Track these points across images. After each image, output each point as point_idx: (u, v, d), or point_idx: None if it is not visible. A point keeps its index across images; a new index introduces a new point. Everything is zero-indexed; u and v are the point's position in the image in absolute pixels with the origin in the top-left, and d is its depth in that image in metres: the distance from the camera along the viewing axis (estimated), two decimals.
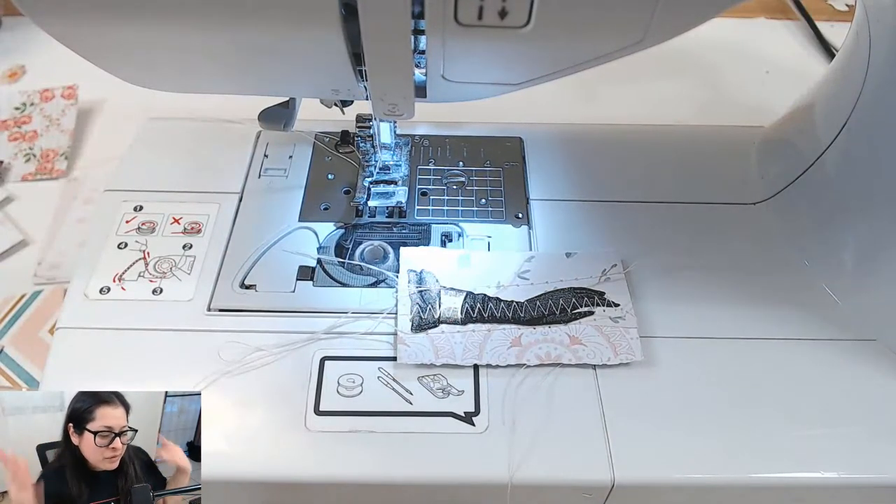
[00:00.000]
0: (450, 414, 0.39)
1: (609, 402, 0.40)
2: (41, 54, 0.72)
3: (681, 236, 0.49)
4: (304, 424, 0.38)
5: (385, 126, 0.49)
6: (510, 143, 0.56)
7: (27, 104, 0.66)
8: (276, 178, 0.52)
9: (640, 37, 0.28)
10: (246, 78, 0.35)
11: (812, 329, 0.44)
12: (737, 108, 0.68)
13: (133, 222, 0.48)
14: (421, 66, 0.33)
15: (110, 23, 0.30)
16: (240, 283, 0.45)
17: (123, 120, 0.61)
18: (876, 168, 0.43)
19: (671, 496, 0.39)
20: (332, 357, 0.41)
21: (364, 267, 0.46)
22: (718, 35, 0.75)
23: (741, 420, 0.39)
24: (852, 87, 0.44)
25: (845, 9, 0.81)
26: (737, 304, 0.45)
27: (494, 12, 0.27)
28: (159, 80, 0.36)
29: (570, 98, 0.68)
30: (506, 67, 0.32)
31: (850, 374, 0.42)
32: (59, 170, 0.61)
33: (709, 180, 0.53)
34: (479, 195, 0.52)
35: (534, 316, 0.43)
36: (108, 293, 0.44)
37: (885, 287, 0.44)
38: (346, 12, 0.28)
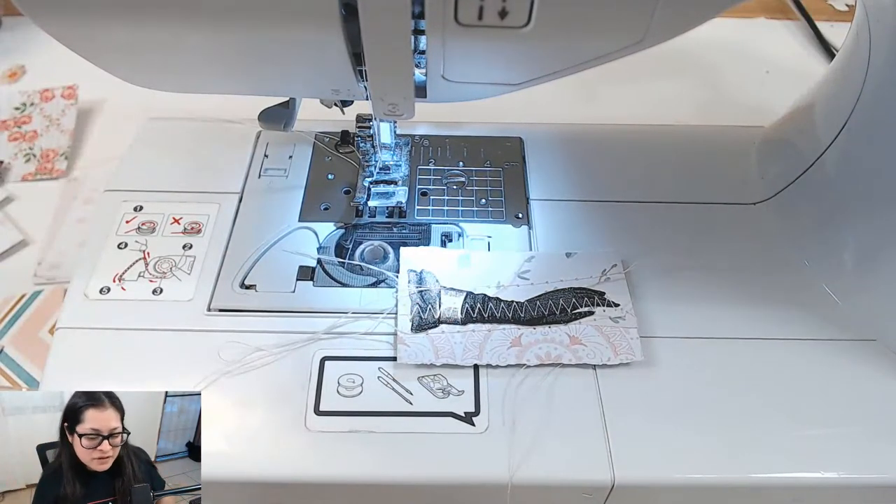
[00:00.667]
0: (450, 414, 0.39)
1: (609, 402, 0.40)
2: (41, 54, 0.72)
3: (681, 236, 0.49)
4: (304, 424, 0.38)
5: (385, 126, 0.49)
6: (510, 143, 0.56)
7: (27, 104, 0.66)
8: (276, 178, 0.52)
9: (640, 37, 0.28)
10: (246, 78, 0.35)
11: (812, 329, 0.44)
12: (737, 108, 0.68)
13: (133, 222, 0.48)
14: (421, 66, 0.33)
15: (110, 23, 0.30)
16: (240, 283, 0.45)
17: (123, 120, 0.61)
18: (876, 168, 0.43)
19: (671, 496, 0.39)
20: (332, 357, 0.41)
21: (364, 267, 0.46)
22: (718, 35, 0.75)
23: (741, 420, 0.39)
24: (852, 87, 0.44)
25: (845, 9, 0.81)
26: (737, 304, 0.45)
27: (494, 12, 0.27)
28: (159, 80, 0.36)
29: (570, 98, 0.68)
30: (506, 67, 0.32)
31: (850, 374, 0.42)
32: (59, 170, 0.61)
33: (709, 180, 0.53)
34: (479, 195, 0.52)
35: (534, 316, 0.43)
36: (108, 293, 0.44)
37: (885, 287, 0.44)
38: (346, 12, 0.28)
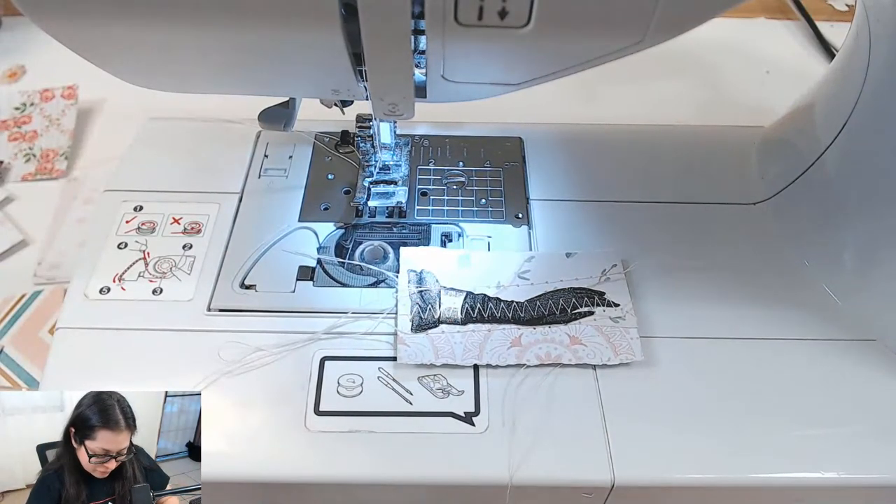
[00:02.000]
0: (450, 414, 0.39)
1: (609, 402, 0.40)
2: (41, 54, 0.72)
3: (681, 236, 0.49)
4: (304, 424, 0.38)
5: (385, 126, 0.49)
6: (510, 143, 0.56)
7: (27, 104, 0.66)
8: (276, 178, 0.52)
9: (640, 37, 0.28)
10: (246, 78, 0.35)
11: (812, 329, 0.44)
12: (737, 108, 0.68)
13: (133, 222, 0.48)
14: (421, 66, 0.33)
15: (110, 23, 0.30)
16: (240, 283, 0.45)
17: (123, 120, 0.61)
18: (876, 168, 0.43)
19: (671, 496, 0.39)
20: (332, 357, 0.41)
21: (364, 267, 0.46)
22: (718, 35, 0.75)
23: (741, 420, 0.39)
24: (852, 87, 0.44)
25: (845, 9, 0.81)
26: (737, 304, 0.45)
27: (494, 12, 0.27)
28: (159, 80, 0.36)
29: (570, 98, 0.68)
30: (506, 67, 0.32)
31: (850, 374, 0.42)
32: (59, 170, 0.61)
33: (709, 180, 0.53)
34: (479, 195, 0.52)
35: (534, 316, 0.43)
36: (108, 293, 0.44)
37: (885, 287, 0.44)
38: (346, 12, 0.28)
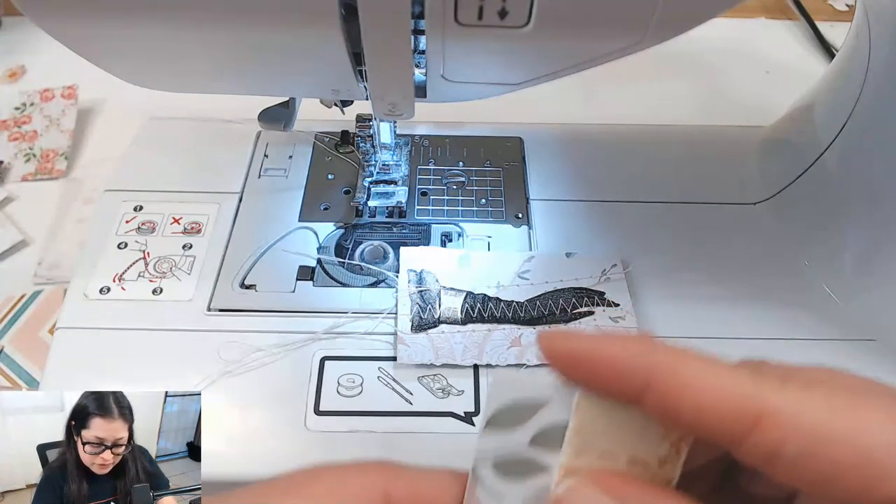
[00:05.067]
0: (450, 414, 0.39)
1: None
2: (41, 54, 0.72)
3: (681, 236, 0.49)
4: (304, 424, 0.38)
5: (385, 126, 0.49)
6: (510, 143, 0.56)
7: (27, 104, 0.66)
8: (276, 178, 0.52)
9: (640, 37, 0.28)
10: (246, 78, 0.35)
11: (812, 329, 0.44)
12: (737, 108, 0.68)
13: (133, 222, 0.48)
14: (421, 66, 0.33)
15: (110, 23, 0.30)
16: (240, 283, 0.45)
17: (123, 120, 0.61)
18: (876, 168, 0.43)
19: None
20: (332, 357, 0.41)
21: (364, 267, 0.46)
22: (718, 35, 0.75)
23: None
24: (852, 87, 0.44)
25: (845, 9, 0.81)
26: (737, 304, 0.45)
27: (494, 12, 0.27)
28: (159, 80, 0.36)
29: (570, 98, 0.68)
30: (506, 67, 0.32)
31: None
32: (59, 170, 0.61)
33: (709, 180, 0.53)
34: (479, 195, 0.52)
35: (534, 316, 0.43)
36: (108, 293, 0.44)
37: (885, 287, 0.44)
38: (346, 12, 0.28)
